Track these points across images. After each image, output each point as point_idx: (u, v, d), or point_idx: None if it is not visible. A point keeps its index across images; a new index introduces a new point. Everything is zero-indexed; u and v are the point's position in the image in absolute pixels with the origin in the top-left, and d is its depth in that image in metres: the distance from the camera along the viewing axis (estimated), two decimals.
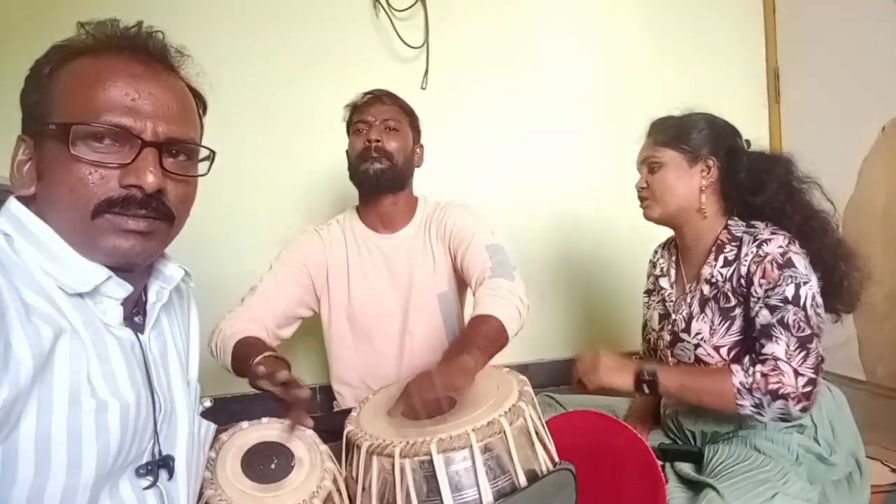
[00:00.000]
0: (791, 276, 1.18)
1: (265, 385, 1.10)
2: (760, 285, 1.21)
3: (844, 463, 1.22)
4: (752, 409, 1.16)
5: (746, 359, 1.19)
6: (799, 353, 1.15)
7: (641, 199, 1.41)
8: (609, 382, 1.28)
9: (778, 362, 1.14)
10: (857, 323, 2.03)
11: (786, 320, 1.17)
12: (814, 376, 1.15)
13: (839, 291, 1.26)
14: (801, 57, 2.43)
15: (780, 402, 1.14)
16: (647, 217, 1.40)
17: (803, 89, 2.44)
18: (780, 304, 1.18)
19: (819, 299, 1.20)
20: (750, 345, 1.23)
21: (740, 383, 1.16)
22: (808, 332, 1.16)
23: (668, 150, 1.34)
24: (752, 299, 1.22)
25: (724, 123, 1.37)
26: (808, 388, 1.13)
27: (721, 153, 1.33)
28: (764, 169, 1.30)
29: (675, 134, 1.34)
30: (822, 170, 1.31)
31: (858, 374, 2.06)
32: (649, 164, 1.37)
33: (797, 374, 1.13)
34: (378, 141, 1.52)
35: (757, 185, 1.29)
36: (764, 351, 1.17)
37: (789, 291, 1.18)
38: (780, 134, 2.52)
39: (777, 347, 1.16)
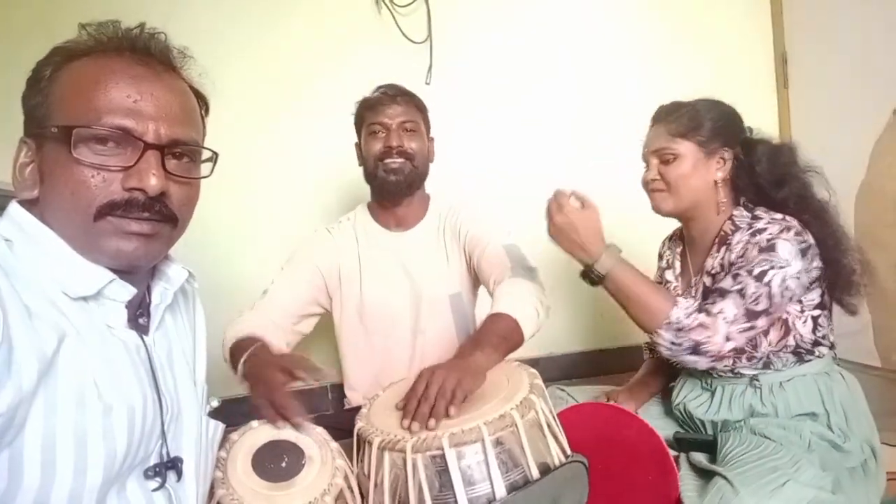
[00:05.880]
0: (767, 260, 1.16)
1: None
2: (737, 263, 1.20)
3: (859, 450, 1.20)
4: (665, 343, 1.17)
5: (695, 303, 1.19)
6: (743, 321, 1.14)
7: (652, 191, 1.35)
8: (575, 236, 1.22)
9: (718, 319, 1.14)
10: (871, 309, 2.00)
11: (744, 291, 1.16)
12: (742, 347, 1.16)
13: (838, 281, 1.24)
14: (809, 41, 2.39)
15: (694, 357, 1.16)
16: (658, 209, 1.35)
17: (812, 74, 2.40)
18: (744, 275, 1.17)
19: (792, 285, 1.17)
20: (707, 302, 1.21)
21: (676, 318, 1.16)
22: (761, 306, 1.15)
23: (685, 142, 1.28)
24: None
25: (732, 111, 1.32)
26: (729, 353, 1.16)
27: (735, 144, 1.29)
28: (782, 161, 1.26)
29: (690, 124, 1.28)
30: (833, 155, 1.29)
31: (874, 361, 2.04)
32: (662, 156, 1.31)
33: (728, 338, 1.14)
34: (400, 146, 1.52)
35: (780, 179, 1.25)
36: (713, 306, 1.16)
37: (758, 269, 1.16)
38: (789, 119, 2.49)
39: (726, 306, 1.15)
